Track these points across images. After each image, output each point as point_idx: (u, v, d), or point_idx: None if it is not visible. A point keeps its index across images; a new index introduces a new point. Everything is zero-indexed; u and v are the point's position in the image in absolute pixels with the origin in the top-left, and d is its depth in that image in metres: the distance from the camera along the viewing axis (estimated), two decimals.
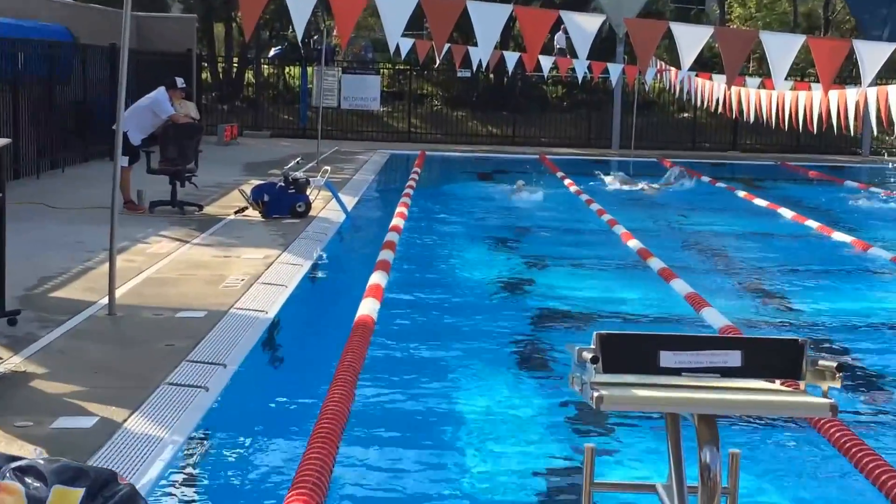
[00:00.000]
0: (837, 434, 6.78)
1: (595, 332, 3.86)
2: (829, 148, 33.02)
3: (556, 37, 34.92)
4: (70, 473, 1.54)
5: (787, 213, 18.70)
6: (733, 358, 3.87)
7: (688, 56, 8.84)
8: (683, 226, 17.90)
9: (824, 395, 3.87)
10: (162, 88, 15.77)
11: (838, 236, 16.13)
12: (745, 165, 30.09)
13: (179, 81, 16.11)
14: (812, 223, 17.40)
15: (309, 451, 6.14)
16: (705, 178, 24.85)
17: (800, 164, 29.55)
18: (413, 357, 8.96)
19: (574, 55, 19.92)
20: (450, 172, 26.32)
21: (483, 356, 9.01)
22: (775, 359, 3.94)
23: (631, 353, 3.93)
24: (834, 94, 14.44)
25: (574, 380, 4.08)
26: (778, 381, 4.11)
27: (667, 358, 3.88)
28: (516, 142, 34.12)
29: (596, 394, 3.73)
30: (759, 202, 20.36)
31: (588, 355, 3.79)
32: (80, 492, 1.54)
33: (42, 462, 1.57)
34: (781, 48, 8.37)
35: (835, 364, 3.90)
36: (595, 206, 18.68)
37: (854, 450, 6.51)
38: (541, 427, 7.30)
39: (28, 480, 1.55)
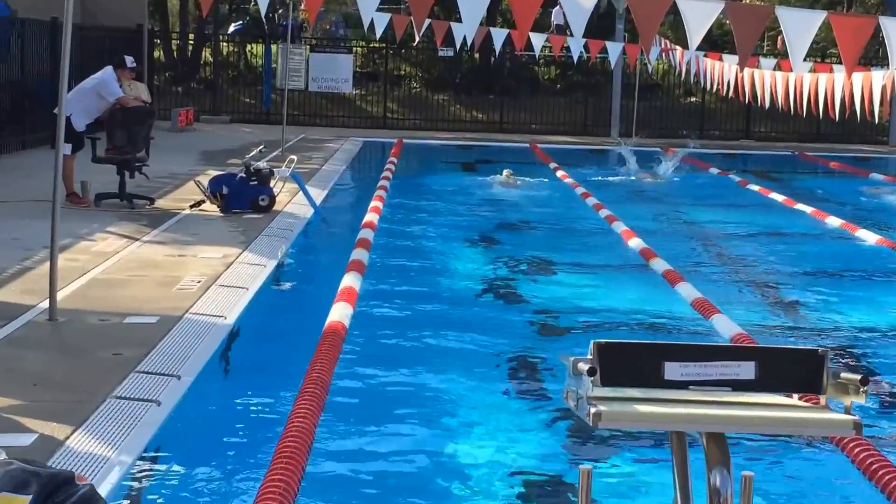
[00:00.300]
0: (862, 454, 6.79)
1: (592, 341, 3.86)
2: (853, 137, 33.15)
3: (553, 12, 34.94)
4: (21, 478, 1.55)
5: (805, 209, 18.77)
6: (746, 370, 3.86)
7: (696, 34, 8.86)
8: (690, 223, 17.95)
9: (847, 411, 3.87)
10: (109, 68, 15.72)
11: (863, 234, 16.20)
12: (759, 156, 30.18)
13: (129, 60, 16.07)
14: (834, 220, 17.47)
15: (272, 471, 6.13)
16: (714, 170, 24.94)
17: (820, 155, 29.65)
18: (390, 368, 8.95)
19: (570, 32, 19.98)
20: (430, 162, 26.35)
21: (467, 367, 9.01)
22: (793, 371, 3.93)
23: (632, 364, 3.92)
24: (858, 77, 14.48)
25: (568, 394, 4.06)
26: (796, 396, 4.11)
27: (672, 370, 3.87)
28: (504, 128, 34.17)
29: (593, 409, 3.71)
30: (775, 196, 20.43)
31: (584, 367, 3.77)
32: (25, 499, 1.54)
33: None
34: (800, 25, 8.37)
35: (859, 377, 3.89)
36: (592, 201, 18.72)
37: (881, 472, 6.53)
38: (531, 446, 7.31)
39: None
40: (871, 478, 6.58)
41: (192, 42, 37.70)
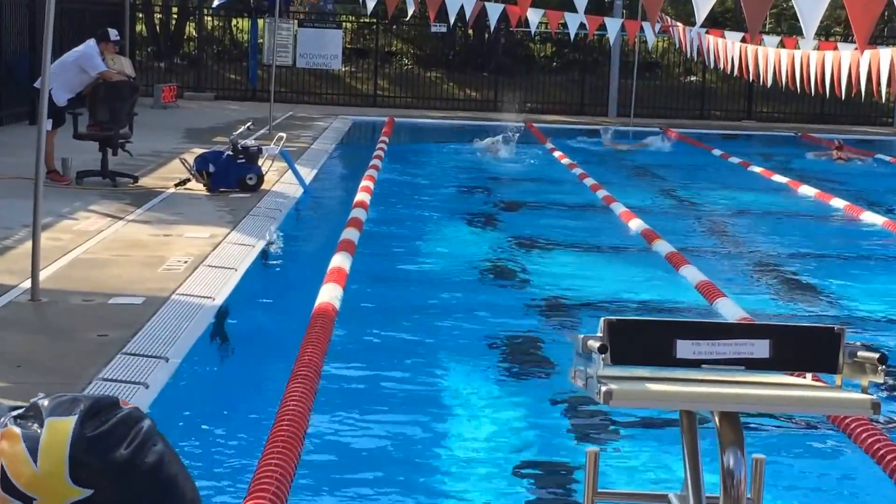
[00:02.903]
0: (869, 438, 6.81)
1: (603, 319, 3.87)
2: (858, 118, 33.18)
3: None
4: (65, 406, 1.60)
5: (809, 192, 18.80)
6: (760, 348, 3.87)
7: (703, 8, 8.84)
8: (691, 205, 17.97)
9: (864, 390, 3.88)
10: (92, 41, 15.67)
11: (868, 217, 16.23)
12: (762, 136, 30.20)
13: (112, 33, 16.02)
14: (838, 202, 17.50)
15: (266, 456, 6.13)
16: (717, 151, 24.97)
17: (824, 136, 29.65)
18: (382, 350, 8.97)
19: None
20: (423, 142, 26.33)
21: (462, 349, 9.03)
22: (808, 349, 3.94)
23: (643, 342, 3.94)
24: (865, 56, 14.46)
25: (576, 373, 4.07)
26: (809, 376, 4.13)
27: (684, 348, 3.88)
28: (499, 108, 34.12)
29: (604, 388, 3.72)
30: (778, 178, 20.46)
31: (595, 344, 3.79)
32: (71, 419, 1.59)
33: (41, 401, 1.63)
34: None
35: (877, 355, 3.90)
36: (590, 181, 18.73)
37: (889, 457, 6.55)
38: (532, 428, 7.32)
39: (25, 422, 1.61)
40: (879, 461, 6.60)
41: (175, 16, 37.60)
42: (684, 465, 4.08)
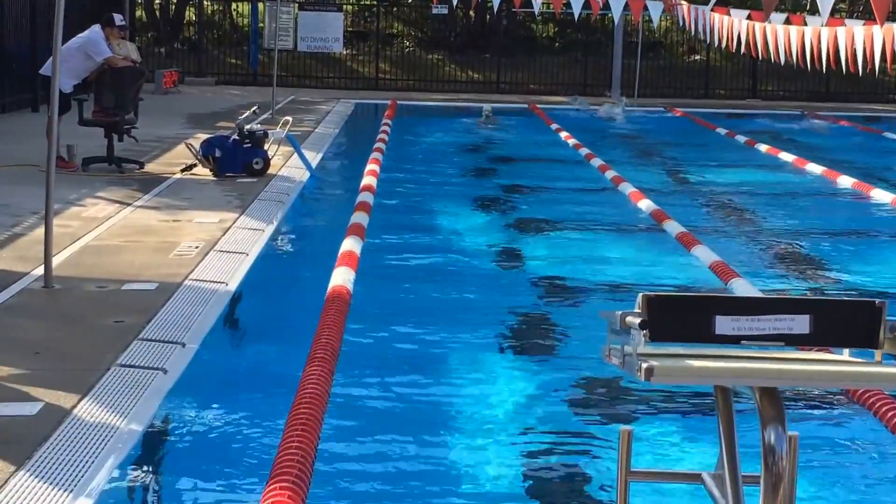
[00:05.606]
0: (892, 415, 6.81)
1: (641, 294, 3.85)
2: (864, 95, 33.14)
3: None
4: None
5: (816, 169, 18.77)
6: (801, 323, 3.86)
7: None
8: (698, 185, 17.93)
9: None
10: (97, 27, 15.62)
11: (878, 194, 16.20)
12: (767, 115, 30.16)
13: (118, 18, 15.98)
14: (846, 180, 17.48)
15: (287, 439, 6.12)
16: (721, 130, 24.95)
17: (830, 114, 29.62)
18: (397, 332, 8.96)
19: None
20: (426, 124, 26.30)
21: (475, 330, 9.03)
22: (849, 324, 3.92)
23: (681, 318, 3.91)
24: (878, 32, 14.38)
25: (611, 352, 4.06)
26: (846, 351, 4.11)
27: (723, 324, 3.87)
28: (501, 89, 34.11)
29: (645, 365, 3.70)
30: (785, 156, 20.44)
31: (636, 321, 3.77)
32: None
33: None
34: None
35: None
36: (597, 162, 18.73)
37: None
38: (554, 408, 7.32)
39: None
40: None
41: (174, 1, 37.53)
42: (720, 444, 4.07)
